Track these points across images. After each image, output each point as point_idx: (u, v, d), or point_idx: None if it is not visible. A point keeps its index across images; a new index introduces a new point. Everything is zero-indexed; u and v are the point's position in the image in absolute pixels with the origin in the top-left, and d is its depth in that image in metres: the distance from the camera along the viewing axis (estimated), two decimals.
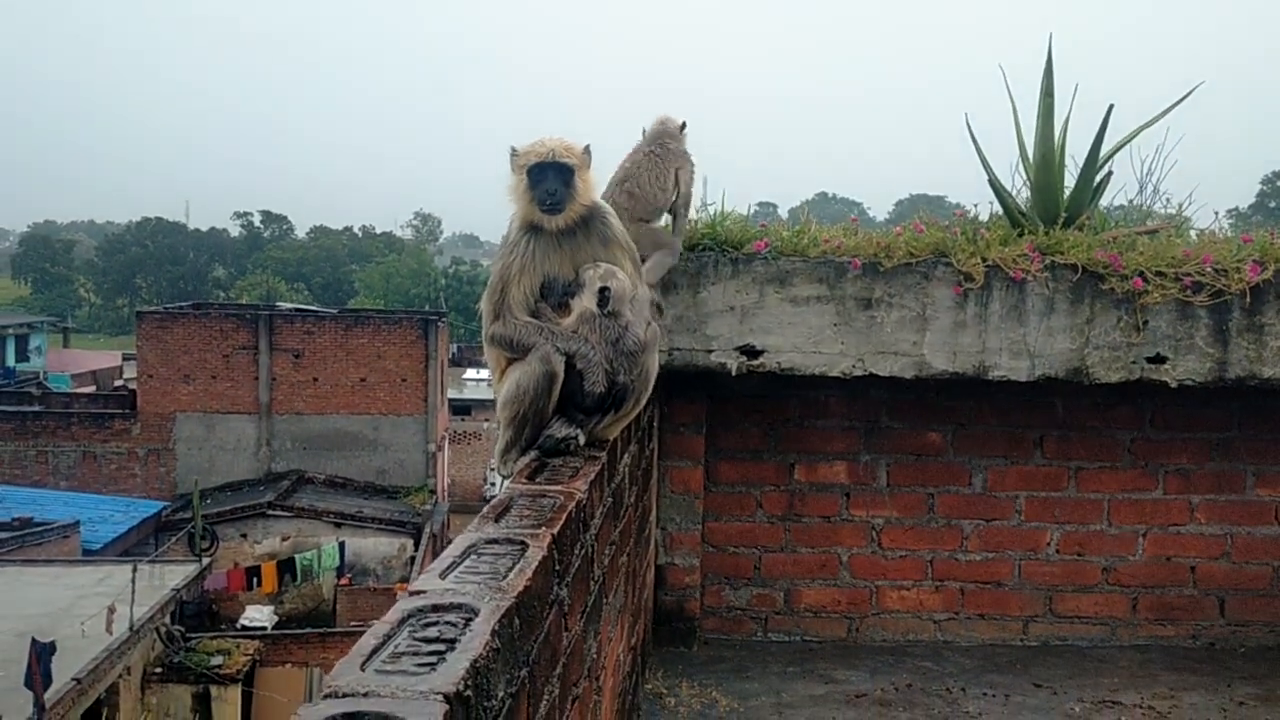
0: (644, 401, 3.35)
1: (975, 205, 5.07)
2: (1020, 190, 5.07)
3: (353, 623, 23.58)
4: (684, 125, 4.36)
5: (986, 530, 5.28)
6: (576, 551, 2.53)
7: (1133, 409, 5.24)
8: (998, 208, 5.01)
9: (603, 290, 3.14)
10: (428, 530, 28.31)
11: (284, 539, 27.55)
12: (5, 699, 13.64)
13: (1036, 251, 4.56)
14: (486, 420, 40.37)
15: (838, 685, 4.78)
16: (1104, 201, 5.14)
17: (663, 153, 4.21)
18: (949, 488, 5.27)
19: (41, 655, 13.45)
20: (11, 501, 25.72)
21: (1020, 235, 4.72)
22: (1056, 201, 4.87)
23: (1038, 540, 5.29)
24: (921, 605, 5.30)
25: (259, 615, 24.47)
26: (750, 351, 4.60)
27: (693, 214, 4.84)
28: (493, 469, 38.55)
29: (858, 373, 4.62)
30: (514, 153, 3.21)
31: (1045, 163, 4.88)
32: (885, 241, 4.65)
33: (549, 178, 3.14)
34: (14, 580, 19.26)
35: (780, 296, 4.58)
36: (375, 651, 1.60)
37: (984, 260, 4.55)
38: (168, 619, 18.93)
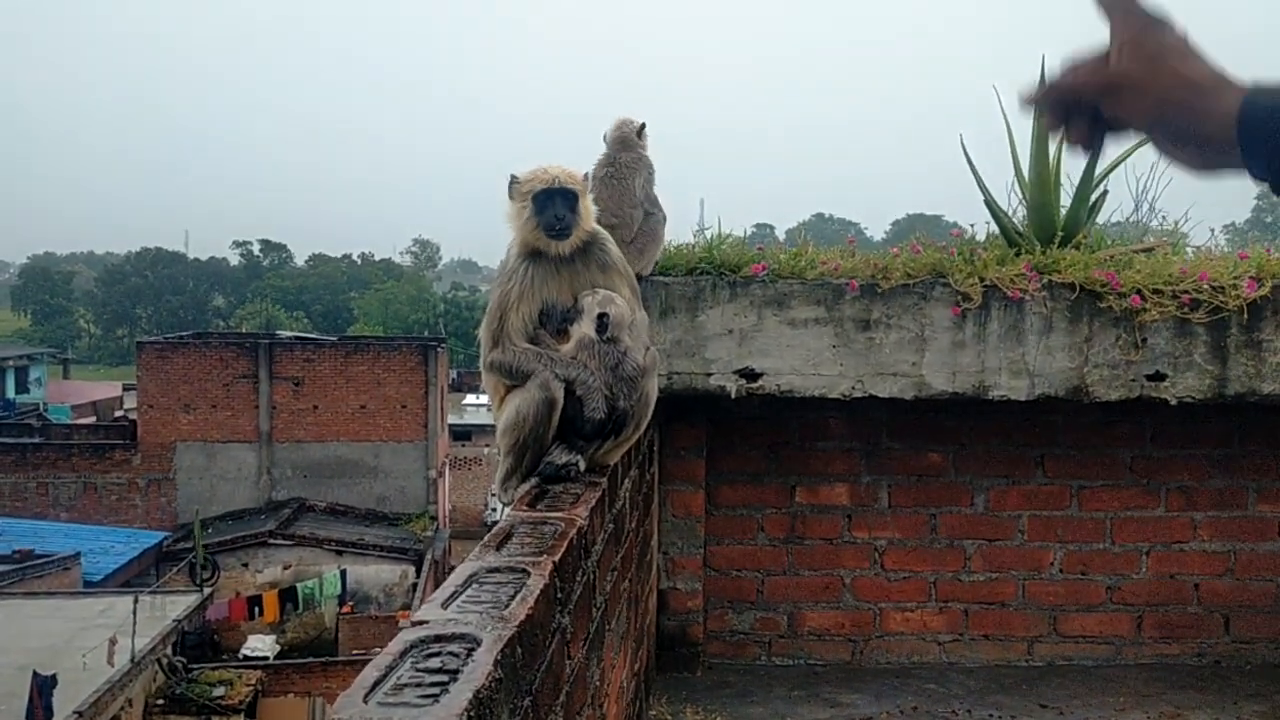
0: (644, 426, 3.35)
1: (972, 225, 5.09)
2: (1016, 210, 5.09)
3: (355, 651, 23.48)
4: (642, 127, 4.36)
5: (989, 550, 5.27)
6: (578, 579, 2.52)
7: (1133, 427, 5.24)
8: (994, 228, 5.02)
9: (601, 316, 3.15)
10: (429, 557, 28.24)
11: (285, 567, 27.48)
12: None
13: (1034, 271, 4.58)
14: (487, 445, 40.34)
15: (842, 709, 4.75)
16: (1100, 220, 5.17)
17: (617, 170, 4.22)
18: (951, 508, 5.26)
19: (43, 688, 13.40)
20: (12, 534, 25.68)
21: (1017, 255, 4.73)
22: (1053, 221, 4.89)
23: (1041, 560, 5.28)
24: (925, 627, 5.29)
25: (261, 645, 24.39)
26: (749, 374, 4.61)
27: (689, 238, 4.86)
28: (494, 494, 38.39)
29: (857, 394, 4.62)
30: (515, 180, 3.21)
31: (1041, 182, 4.90)
32: (882, 263, 4.67)
33: (555, 204, 3.15)
34: (15, 613, 19.19)
35: (779, 319, 4.59)
36: (378, 684, 1.59)
37: (981, 280, 4.56)
38: (169, 650, 18.85)
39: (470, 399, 47.60)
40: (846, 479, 5.26)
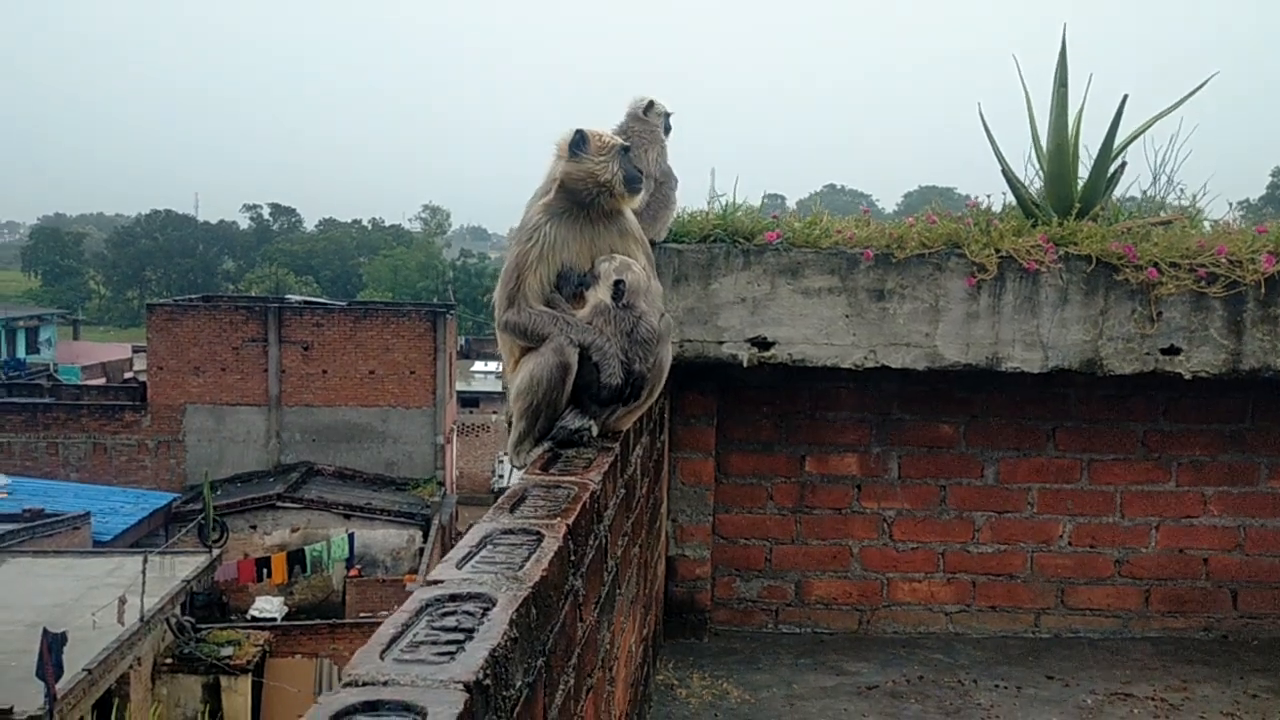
0: (657, 393, 3.35)
1: (987, 196, 5.05)
2: (1033, 181, 5.05)
3: (362, 614, 23.66)
4: (652, 106, 4.34)
5: (998, 522, 5.27)
6: (591, 542, 2.52)
7: (1146, 401, 5.22)
8: (1010, 198, 4.98)
9: (618, 283, 3.14)
10: (436, 522, 28.38)
11: (293, 530, 27.63)
12: (17, 689, 13.70)
13: (1050, 242, 4.54)
14: (494, 413, 40.43)
15: (849, 677, 4.77)
16: (1118, 192, 5.12)
17: (628, 138, 4.21)
18: (961, 480, 5.26)
19: (53, 646, 13.50)
20: (23, 493, 25.80)
21: (1034, 226, 4.70)
22: (1070, 192, 4.84)
23: (1050, 532, 5.27)
24: (933, 597, 5.29)
25: (269, 606, 24.56)
26: (762, 343, 4.59)
27: (703, 205, 4.83)
28: (501, 461, 38.67)
29: (870, 364, 4.60)
30: (585, 137, 3.21)
31: (1059, 153, 4.86)
32: (898, 233, 4.64)
33: (632, 161, 3.26)
34: (25, 571, 19.34)
35: (792, 288, 4.57)
36: (394, 640, 1.60)
37: (997, 251, 4.53)
38: (178, 610, 19.00)
39: (478, 366, 47.66)
40: (857, 449, 5.26)
